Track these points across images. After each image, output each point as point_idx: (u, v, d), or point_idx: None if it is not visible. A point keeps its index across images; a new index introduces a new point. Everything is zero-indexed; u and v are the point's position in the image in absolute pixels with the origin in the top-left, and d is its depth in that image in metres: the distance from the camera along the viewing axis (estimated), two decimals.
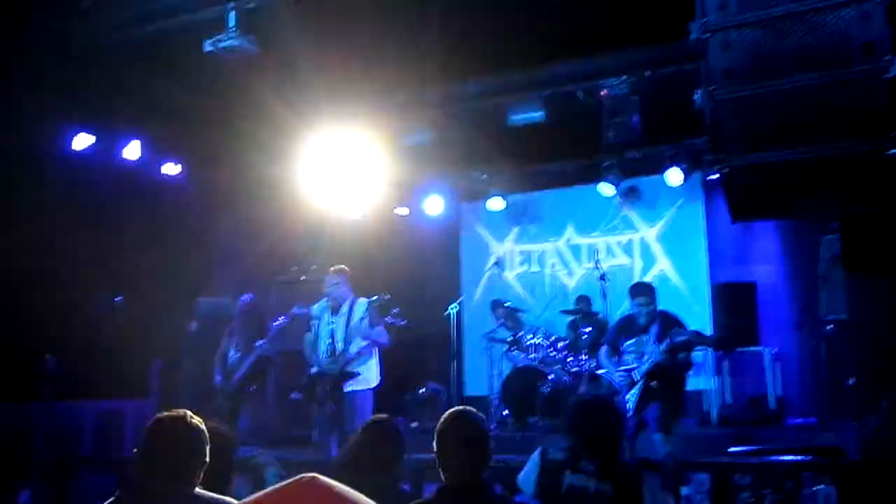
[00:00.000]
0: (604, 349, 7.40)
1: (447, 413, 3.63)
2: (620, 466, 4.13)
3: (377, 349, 7.49)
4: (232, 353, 8.10)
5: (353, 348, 7.30)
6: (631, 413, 6.80)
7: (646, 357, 6.93)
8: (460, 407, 3.67)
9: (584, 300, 10.51)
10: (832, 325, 8.58)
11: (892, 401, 5.00)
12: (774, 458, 5.45)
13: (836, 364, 8.43)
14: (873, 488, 4.81)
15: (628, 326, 7.21)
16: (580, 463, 4.03)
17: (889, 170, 3.96)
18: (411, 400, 10.74)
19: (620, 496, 3.98)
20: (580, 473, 4.01)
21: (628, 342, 7.11)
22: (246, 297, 8.42)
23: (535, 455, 4.25)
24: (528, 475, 4.28)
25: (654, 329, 6.96)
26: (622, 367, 7.10)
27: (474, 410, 3.65)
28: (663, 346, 6.79)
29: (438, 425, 3.55)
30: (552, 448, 4.26)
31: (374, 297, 7.31)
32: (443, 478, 3.50)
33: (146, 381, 9.56)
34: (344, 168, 10.21)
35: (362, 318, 7.25)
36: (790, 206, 4.61)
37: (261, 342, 7.89)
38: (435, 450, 3.50)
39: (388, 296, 7.45)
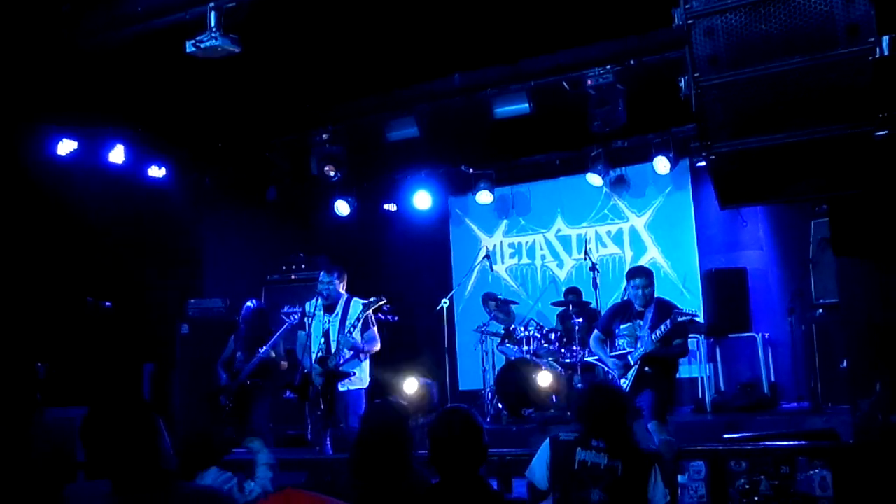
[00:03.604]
0: (594, 335, 7.37)
1: (439, 412, 3.68)
2: (631, 448, 4.25)
3: None
4: (239, 355, 8.23)
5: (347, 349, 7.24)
6: None
7: (640, 343, 6.90)
8: (453, 405, 3.69)
9: (573, 291, 10.50)
10: (823, 309, 8.61)
11: (884, 384, 5.01)
12: (769, 443, 5.46)
13: (828, 348, 8.45)
14: (867, 471, 4.82)
15: (623, 311, 7.17)
16: (591, 441, 4.18)
17: (876, 152, 3.96)
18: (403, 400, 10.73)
19: (630, 474, 4.11)
20: (591, 450, 4.17)
21: (623, 326, 7.07)
22: (251, 303, 8.44)
23: (545, 443, 4.38)
24: (538, 463, 4.35)
25: (649, 314, 6.92)
26: (615, 353, 7.07)
27: (467, 407, 3.66)
28: (660, 331, 6.76)
29: (431, 424, 3.55)
30: (562, 433, 4.41)
31: (372, 299, 7.22)
32: (438, 476, 3.49)
33: (138, 385, 9.51)
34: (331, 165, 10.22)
35: (357, 319, 7.16)
36: (778, 191, 4.59)
37: (263, 349, 7.98)
38: (429, 448, 3.50)
39: (384, 298, 7.35)
